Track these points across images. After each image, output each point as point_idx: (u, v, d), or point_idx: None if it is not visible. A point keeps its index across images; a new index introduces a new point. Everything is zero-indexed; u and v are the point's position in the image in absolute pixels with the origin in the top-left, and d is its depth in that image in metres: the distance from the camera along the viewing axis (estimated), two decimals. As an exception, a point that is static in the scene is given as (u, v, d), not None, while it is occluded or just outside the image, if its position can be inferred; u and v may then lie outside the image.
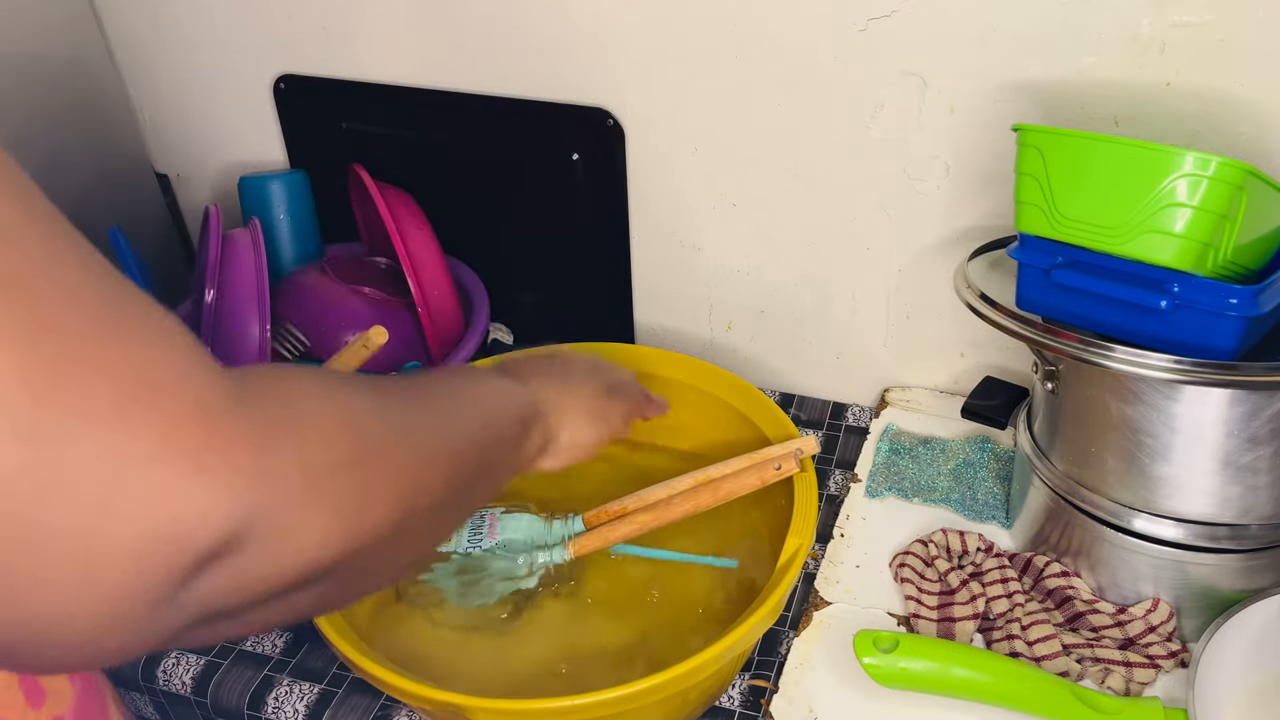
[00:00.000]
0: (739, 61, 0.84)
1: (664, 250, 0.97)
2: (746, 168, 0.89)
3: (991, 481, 0.83)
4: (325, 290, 0.94)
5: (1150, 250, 0.58)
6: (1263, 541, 0.66)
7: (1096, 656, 0.68)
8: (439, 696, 0.56)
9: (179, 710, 0.75)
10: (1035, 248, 0.65)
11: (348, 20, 0.96)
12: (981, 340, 0.90)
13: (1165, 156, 0.57)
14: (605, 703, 0.56)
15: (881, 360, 0.95)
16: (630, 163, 0.93)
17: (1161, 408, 0.64)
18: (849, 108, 0.83)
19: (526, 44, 0.91)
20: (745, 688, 0.71)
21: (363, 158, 1.00)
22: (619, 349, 0.87)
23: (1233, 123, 0.72)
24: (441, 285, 0.91)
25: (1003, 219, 0.82)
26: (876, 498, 0.83)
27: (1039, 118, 0.77)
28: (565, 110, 0.92)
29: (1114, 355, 0.60)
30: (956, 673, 0.64)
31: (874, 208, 0.87)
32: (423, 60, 0.96)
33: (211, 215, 0.91)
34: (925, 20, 0.77)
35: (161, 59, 1.07)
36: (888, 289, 0.91)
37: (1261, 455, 0.63)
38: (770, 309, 0.97)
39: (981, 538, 0.77)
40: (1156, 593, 0.69)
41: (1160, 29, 0.71)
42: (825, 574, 0.77)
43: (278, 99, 1.04)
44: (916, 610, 0.72)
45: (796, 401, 0.98)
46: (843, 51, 0.81)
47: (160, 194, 1.14)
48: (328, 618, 0.62)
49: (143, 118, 1.11)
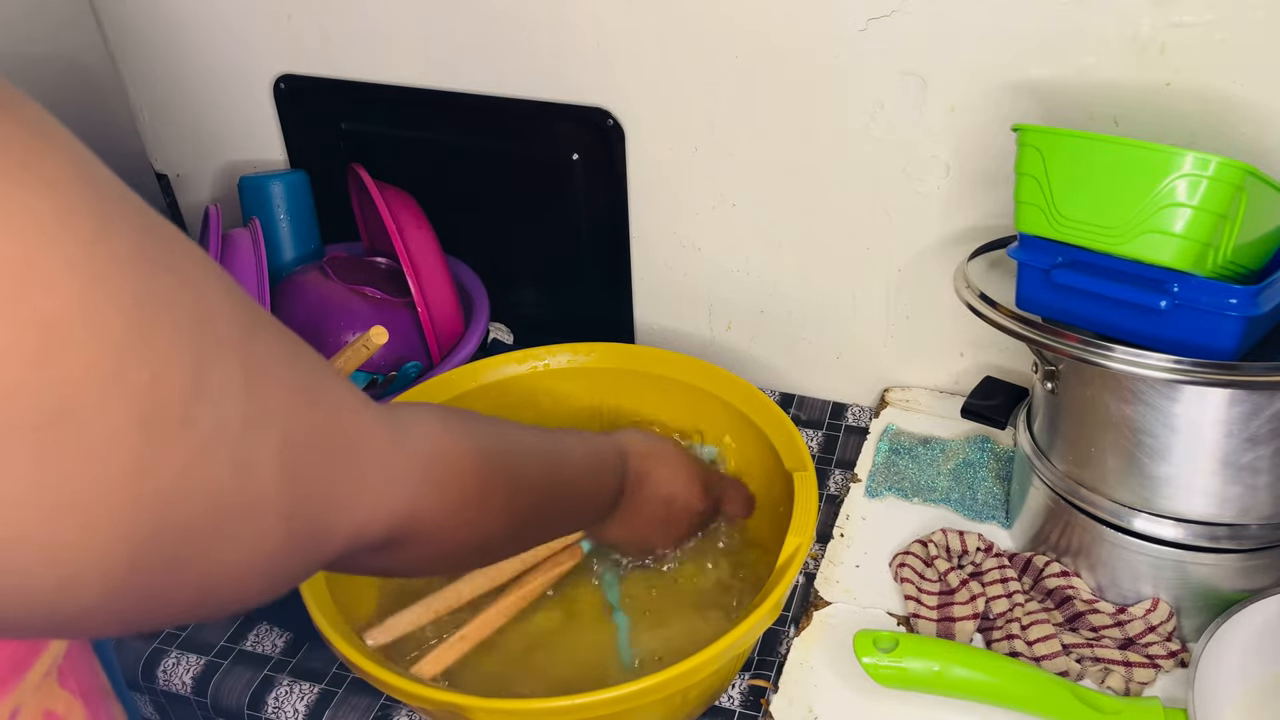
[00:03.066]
0: (739, 61, 0.84)
1: (664, 250, 0.97)
2: (746, 168, 0.89)
3: (991, 481, 0.83)
4: (325, 290, 0.94)
5: (1150, 250, 0.58)
6: (1263, 541, 0.66)
7: (1096, 656, 0.68)
8: (439, 696, 0.56)
9: (179, 710, 0.75)
10: (1035, 248, 0.65)
11: (348, 20, 0.96)
12: (981, 340, 0.90)
13: (1165, 156, 0.57)
14: (605, 702, 0.56)
15: (881, 360, 0.95)
16: (630, 163, 0.93)
17: (1161, 408, 0.64)
18: (849, 108, 0.83)
19: (526, 44, 0.91)
20: (745, 688, 0.71)
21: (363, 158, 1.00)
22: (619, 349, 0.87)
23: (1233, 123, 0.72)
24: (441, 285, 0.91)
25: (1003, 219, 0.82)
26: (876, 498, 0.83)
27: (1039, 118, 0.77)
28: (565, 110, 0.92)
29: (1114, 355, 0.60)
30: (956, 673, 0.64)
31: (874, 208, 0.87)
32: (423, 60, 0.96)
33: (211, 215, 0.91)
34: (925, 20, 0.77)
35: (162, 59, 1.07)
36: (888, 289, 0.91)
37: (1261, 455, 0.63)
38: (770, 309, 0.97)
39: (981, 538, 0.77)
40: (1156, 593, 0.69)
41: (1160, 29, 0.71)
42: (825, 574, 0.77)
43: (278, 99, 1.04)
44: (916, 610, 0.72)
45: (796, 401, 0.98)
46: (843, 51, 0.81)
47: (160, 194, 1.14)
48: (327, 617, 0.62)
49: (143, 118, 1.12)
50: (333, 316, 0.93)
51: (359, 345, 0.81)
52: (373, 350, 0.81)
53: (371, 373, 0.88)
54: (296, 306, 0.94)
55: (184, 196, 1.16)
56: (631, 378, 0.87)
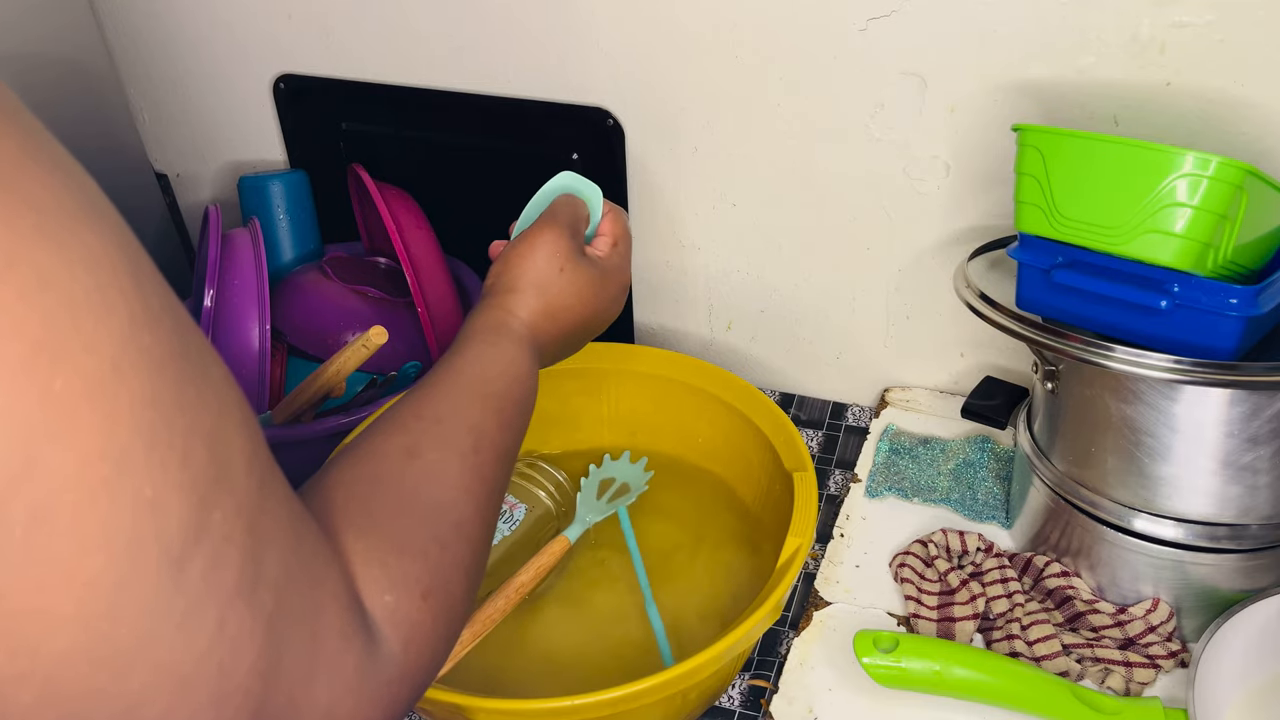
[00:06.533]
0: (739, 62, 0.84)
1: (664, 250, 0.97)
2: (746, 168, 0.89)
3: (991, 481, 0.83)
4: (325, 290, 0.94)
5: (1150, 250, 0.58)
6: (1263, 541, 0.66)
7: (1096, 656, 0.68)
8: (439, 696, 0.56)
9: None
10: (1035, 248, 0.65)
11: (348, 20, 0.96)
12: (981, 340, 0.90)
13: (1165, 156, 0.57)
14: (605, 703, 0.56)
15: (881, 360, 0.95)
16: (630, 163, 0.93)
17: (1161, 408, 0.64)
18: (849, 108, 0.83)
19: (527, 44, 0.91)
20: (745, 688, 0.71)
21: (363, 158, 1.00)
22: (619, 349, 0.87)
23: (1233, 123, 0.72)
24: (441, 285, 0.91)
25: (1003, 219, 0.82)
26: (876, 498, 0.83)
27: (1039, 118, 0.77)
28: (565, 110, 0.92)
29: (1114, 355, 0.60)
30: (956, 673, 0.64)
31: (874, 208, 0.87)
32: (423, 60, 0.96)
33: (211, 215, 0.91)
34: (925, 20, 0.77)
35: (161, 59, 1.07)
36: (887, 289, 0.91)
37: (1261, 455, 0.63)
38: (770, 309, 0.97)
39: (981, 538, 0.77)
40: (1156, 593, 0.69)
41: (1160, 29, 0.71)
42: (825, 574, 0.77)
43: (278, 99, 1.04)
44: (916, 610, 0.72)
45: (796, 401, 0.98)
46: (843, 51, 0.81)
47: (160, 194, 1.14)
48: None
49: (142, 118, 1.11)
50: (333, 316, 0.93)
51: (359, 345, 0.81)
52: (373, 350, 0.81)
53: (371, 373, 0.88)
54: (296, 306, 0.94)
55: (184, 196, 1.16)
56: (631, 378, 0.87)
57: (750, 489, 0.82)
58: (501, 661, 0.71)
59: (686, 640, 0.71)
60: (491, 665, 0.71)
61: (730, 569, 0.77)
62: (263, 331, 0.86)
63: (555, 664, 0.71)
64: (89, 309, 0.23)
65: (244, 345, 0.86)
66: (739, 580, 0.76)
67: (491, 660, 0.71)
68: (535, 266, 0.58)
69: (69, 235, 0.23)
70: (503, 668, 0.71)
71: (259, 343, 0.86)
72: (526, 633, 0.73)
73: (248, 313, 0.87)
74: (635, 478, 0.84)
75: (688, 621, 0.73)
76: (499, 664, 0.71)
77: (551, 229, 0.59)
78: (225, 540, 0.27)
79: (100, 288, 0.24)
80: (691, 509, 0.83)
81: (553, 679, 0.70)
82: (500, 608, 0.70)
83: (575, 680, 0.69)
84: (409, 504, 0.41)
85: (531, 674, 0.70)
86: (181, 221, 1.17)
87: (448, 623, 0.40)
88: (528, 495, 0.80)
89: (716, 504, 0.83)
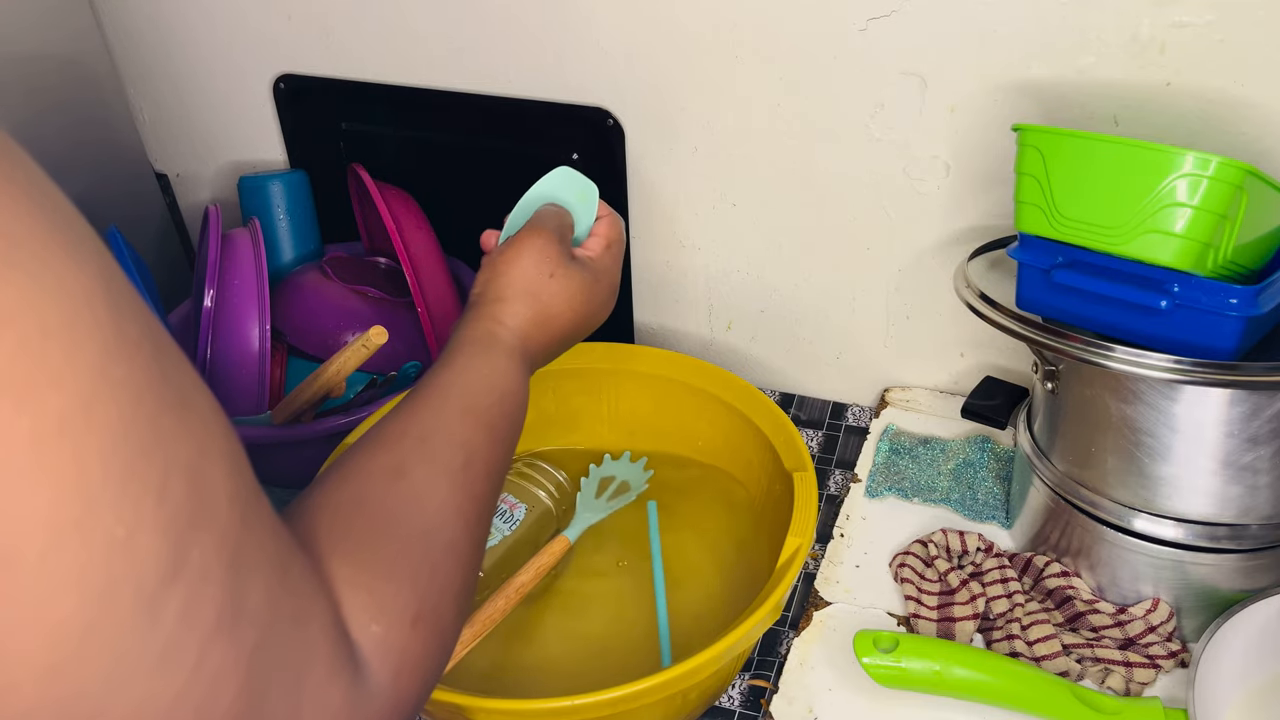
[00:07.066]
0: (739, 62, 0.84)
1: (664, 250, 0.97)
2: (746, 168, 0.89)
3: (991, 481, 0.83)
4: (325, 290, 0.94)
5: (1150, 250, 0.58)
6: (1263, 541, 0.66)
7: (1096, 656, 0.68)
8: (439, 696, 0.56)
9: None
10: (1035, 248, 0.65)
11: (348, 20, 0.96)
12: (981, 340, 0.90)
13: (1165, 156, 0.57)
14: (605, 703, 0.56)
15: (881, 360, 0.95)
16: (630, 163, 0.93)
17: (1161, 408, 0.64)
18: (849, 108, 0.83)
19: (527, 44, 0.91)
20: (745, 688, 0.71)
21: (363, 158, 1.00)
22: (619, 349, 0.87)
23: (1233, 123, 0.72)
24: (441, 285, 0.91)
25: (1003, 219, 0.82)
26: (876, 498, 0.83)
27: (1039, 118, 0.77)
28: (565, 110, 0.92)
29: (1114, 355, 0.60)
30: (956, 673, 0.64)
31: (874, 208, 0.87)
32: (423, 60, 0.96)
33: (211, 215, 0.91)
34: (925, 20, 0.77)
35: (161, 59, 1.07)
36: (887, 289, 0.91)
37: (1261, 455, 0.63)
38: (770, 309, 0.97)
39: (981, 538, 0.77)
40: (1156, 593, 0.69)
41: (1160, 29, 0.71)
42: (825, 574, 0.77)
43: (278, 99, 1.04)
44: (916, 610, 0.72)
45: (796, 401, 0.98)
46: (843, 51, 0.81)
47: (160, 194, 1.14)
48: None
49: (142, 118, 1.11)
50: (333, 316, 0.93)
51: (359, 345, 0.81)
52: (372, 350, 0.81)
53: (371, 373, 0.88)
54: (296, 306, 0.94)
55: (184, 196, 1.16)
56: (631, 378, 0.87)
57: (750, 489, 0.82)
58: (501, 661, 0.71)
59: (686, 640, 0.71)
60: (491, 665, 0.71)
61: (730, 569, 0.77)
62: (263, 332, 0.87)
63: (555, 664, 0.71)
64: (58, 343, 0.23)
65: (244, 345, 0.86)
66: (739, 580, 0.76)
67: (491, 660, 0.71)
68: (524, 274, 0.56)
69: (39, 265, 0.23)
70: (503, 668, 0.71)
71: (259, 343, 0.87)
72: (526, 633, 0.73)
73: (248, 313, 0.87)
74: (635, 477, 0.84)
75: (688, 622, 0.73)
76: (499, 664, 0.71)
77: (540, 234, 0.58)
78: (203, 577, 0.26)
79: (71, 320, 0.23)
80: (691, 509, 0.83)
81: (553, 679, 0.70)
82: (500, 608, 0.70)
83: (575, 680, 0.69)
84: (397, 527, 0.40)
85: (531, 674, 0.70)
86: (181, 221, 1.17)
87: (439, 649, 0.39)
88: (528, 495, 0.80)
89: (716, 504, 0.83)
